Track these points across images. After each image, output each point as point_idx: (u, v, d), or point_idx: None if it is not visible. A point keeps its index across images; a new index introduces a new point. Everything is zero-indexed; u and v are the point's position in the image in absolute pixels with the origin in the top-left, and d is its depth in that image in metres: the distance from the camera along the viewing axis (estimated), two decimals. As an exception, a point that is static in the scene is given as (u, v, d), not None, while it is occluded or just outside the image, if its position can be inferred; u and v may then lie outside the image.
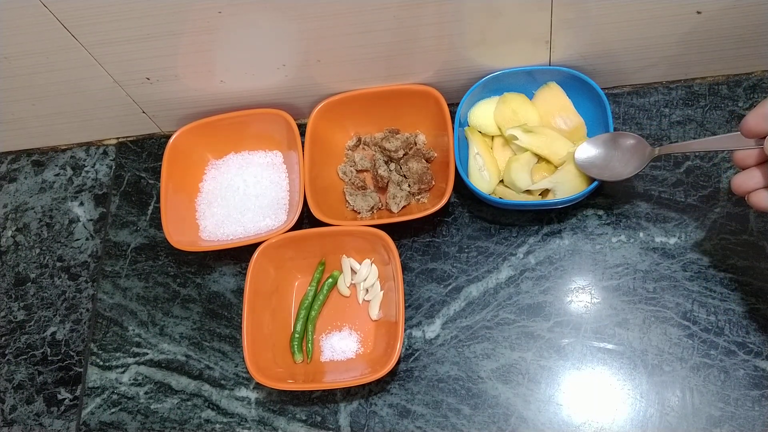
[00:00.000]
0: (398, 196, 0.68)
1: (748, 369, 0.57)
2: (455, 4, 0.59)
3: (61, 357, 0.71)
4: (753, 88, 0.68)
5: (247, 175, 0.73)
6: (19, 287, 0.76)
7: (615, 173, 0.61)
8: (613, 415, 0.58)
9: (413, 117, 0.72)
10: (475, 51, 0.66)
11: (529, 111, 0.68)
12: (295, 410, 0.64)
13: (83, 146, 0.82)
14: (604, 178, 0.61)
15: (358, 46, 0.64)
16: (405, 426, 0.61)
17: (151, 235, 0.75)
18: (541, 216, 0.67)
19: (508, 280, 0.65)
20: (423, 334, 0.64)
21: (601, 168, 0.61)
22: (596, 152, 0.62)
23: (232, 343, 0.68)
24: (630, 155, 0.60)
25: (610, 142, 0.61)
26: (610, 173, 0.61)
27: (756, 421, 0.56)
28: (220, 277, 0.71)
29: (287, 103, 0.73)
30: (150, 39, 0.63)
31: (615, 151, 0.61)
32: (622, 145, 0.61)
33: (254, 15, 0.61)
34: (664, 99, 0.70)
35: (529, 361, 0.61)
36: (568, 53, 0.66)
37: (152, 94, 0.72)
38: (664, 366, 0.59)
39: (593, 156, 0.62)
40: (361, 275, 0.67)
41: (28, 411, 0.70)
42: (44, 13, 0.59)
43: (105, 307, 0.72)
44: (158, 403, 0.67)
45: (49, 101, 0.73)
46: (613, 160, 0.61)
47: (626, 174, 0.60)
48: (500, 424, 0.60)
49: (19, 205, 0.80)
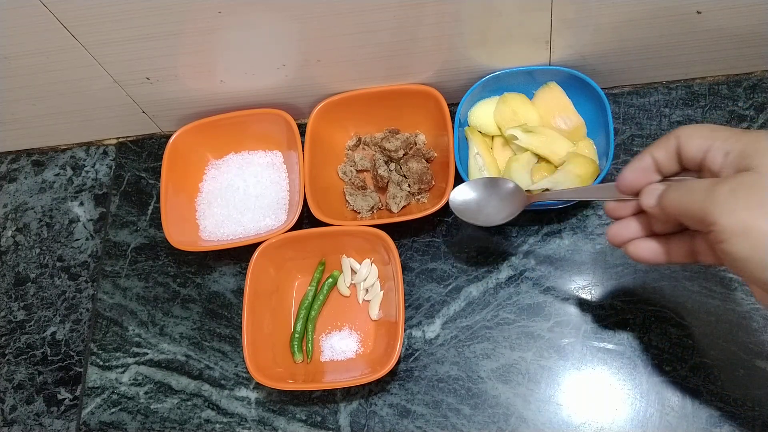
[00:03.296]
0: (398, 196, 0.68)
1: (748, 369, 0.57)
2: (455, 4, 0.59)
3: (61, 357, 0.71)
4: (753, 88, 0.68)
5: (247, 175, 0.73)
6: (19, 287, 0.76)
7: (488, 219, 0.60)
8: (613, 415, 0.58)
9: (413, 117, 0.72)
10: (475, 51, 0.66)
11: (529, 111, 0.68)
12: (295, 410, 0.64)
13: (83, 146, 0.82)
14: (477, 223, 0.61)
15: (358, 46, 0.64)
16: (405, 426, 0.61)
17: (151, 235, 0.75)
18: (541, 216, 0.67)
19: (508, 280, 0.65)
20: (423, 334, 0.64)
21: (475, 212, 0.61)
22: (473, 196, 0.61)
23: (232, 343, 0.68)
24: (506, 202, 0.60)
25: (489, 187, 0.61)
26: (484, 218, 0.60)
27: (756, 421, 0.56)
28: (220, 277, 0.71)
29: (287, 103, 0.73)
30: (150, 39, 0.63)
31: (491, 196, 0.60)
32: (499, 191, 0.60)
33: (254, 15, 0.61)
34: (664, 99, 0.70)
35: (529, 361, 0.61)
36: (568, 53, 0.66)
37: (152, 94, 0.72)
38: (664, 366, 0.59)
39: (469, 199, 0.61)
40: (361, 275, 0.67)
41: (28, 411, 0.70)
42: (44, 13, 0.59)
43: (105, 307, 0.72)
44: (158, 403, 0.67)
45: (49, 101, 0.73)
46: (487, 207, 0.60)
47: (499, 221, 0.59)
48: (500, 424, 0.60)
49: (19, 205, 0.80)
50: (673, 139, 0.44)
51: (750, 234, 0.37)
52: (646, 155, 0.45)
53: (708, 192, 0.39)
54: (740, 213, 0.37)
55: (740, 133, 0.41)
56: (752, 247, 0.37)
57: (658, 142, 0.45)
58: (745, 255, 0.37)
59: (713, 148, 0.41)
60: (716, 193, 0.39)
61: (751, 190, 0.38)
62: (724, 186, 0.39)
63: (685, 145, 0.43)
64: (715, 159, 0.41)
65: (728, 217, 0.38)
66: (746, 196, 0.37)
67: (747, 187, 0.38)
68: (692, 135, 0.43)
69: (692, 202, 0.40)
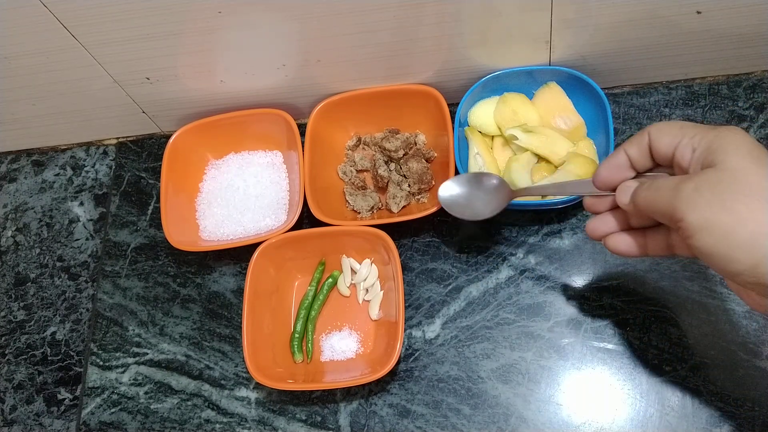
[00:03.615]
0: (398, 196, 0.68)
1: (748, 369, 0.57)
2: (455, 4, 0.59)
3: (61, 357, 0.71)
4: (753, 88, 0.68)
5: (247, 175, 0.73)
6: (19, 287, 0.76)
7: (476, 212, 0.60)
8: (613, 415, 0.58)
9: (413, 117, 0.72)
10: (475, 51, 0.66)
11: (529, 111, 0.68)
12: (295, 410, 0.64)
13: (83, 146, 0.82)
14: (465, 217, 0.61)
15: (358, 46, 0.64)
16: (405, 426, 0.61)
17: (151, 235, 0.75)
18: (541, 216, 0.67)
19: (508, 280, 0.65)
20: (423, 334, 0.64)
21: (463, 207, 0.61)
22: (459, 191, 0.61)
23: (232, 343, 0.68)
24: (491, 196, 0.60)
25: (474, 182, 0.61)
26: (471, 212, 0.61)
27: (756, 421, 0.56)
28: (220, 277, 0.71)
29: (287, 103, 0.73)
30: (150, 39, 0.63)
31: (478, 191, 0.61)
32: (485, 186, 0.61)
33: (254, 15, 0.61)
34: (664, 99, 0.70)
35: (529, 361, 0.61)
36: (568, 53, 0.66)
37: (152, 94, 0.72)
38: (664, 366, 0.59)
39: (456, 194, 0.61)
40: (361, 275, 0.67)
41: (28, 411, 0.70)
42: (44, 13, 0.59)
43: (105, 307, 0.72)
44: (158, 403, 0.67)
45: (49, 101, 0.73)
46: (475, 200, 0.61)
47: (487, 214, 0.60)
48: (500, 424, 0.60)
49: (19, 205, 0.80)
50: (644, 136, 0.45)
51: (713, 229, 0.39)
52: (620, 152, 0.47)
53: (675, 190, 0.41)
54: (703, 209, 0.39)
55: (707, 130, 0.42)
56: (716, 241, 0.39)
57: (632, 139, 0.46)
58: (710, 249, 0.39)
59: (681, 145, 0.43)
60: (682, 191, 0.40)
61: (713, 187, 0.39)
62: (689, 183, 0.40)
63: (655, 141, 0.45)
64: (684, 155, 0.43)
65: (693, 213, 0.39)
66: (708, 193, 0.39)
67: (709, 183, 0.39)
68: (662, 132, 0.44)
69: (661, 200, 0.42)
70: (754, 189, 0.38)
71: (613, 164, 0.47)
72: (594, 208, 0.51)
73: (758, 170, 0.39)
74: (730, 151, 0.40)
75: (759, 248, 0.38)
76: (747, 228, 0.38)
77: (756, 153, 0.40)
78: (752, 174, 0.39)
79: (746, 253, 0.38)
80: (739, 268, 0.39)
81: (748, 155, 0.40)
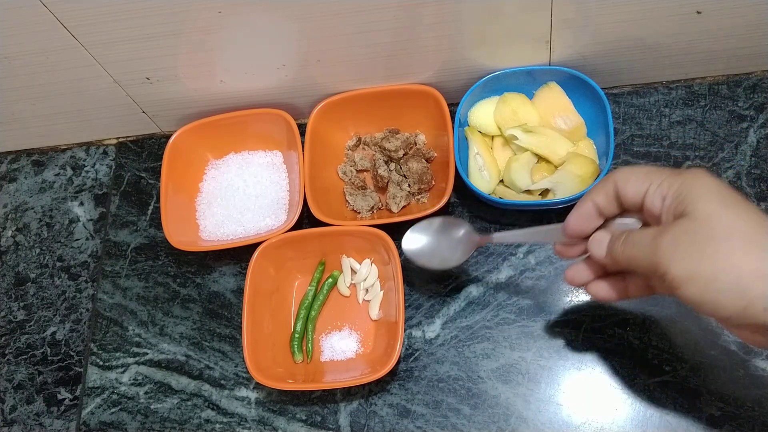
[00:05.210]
0: (398, 196, 0.68)
1: (748, 369, 0.57)
2: (455, 4, 0.59)
3: (61, 357, 0.71)
4: (753, 88, 0.68)
5: (247, 175, 0.73)
6: (19, 287, 0.76)
7: (444, 261, 0.60)
8: (613, 415, 0.58)
9: (413, 117, 0.72)
10: (475, 51, 0.66)
11: (529, 111, 0.68)
12: (295, 410, 0.64)
13: (83, 146, 0.82)
14: (433, 266, 0.61)
15: (358, 46, 0.64)
16: (405, 426, 0.61)
17: (151, 235, 0.75)
18: (541, 216, 0.67)
19: (508, 280, 0.65)
20: (423, 334, 0.64)
21: (429, 256, 0.61)
22: (424, 241, 0.61)
23: (232, 343, 0.68)
24: (458, 243, 0.60)
25: (439, 230, 0.61)
26: (440, 260, 0.60)
27: (756, 421, 0.56)
28: (220, 277, 0.71)
29: (287, 103, 0.73)
30: (150, 39, 0.63)
31: (443, 237, 0.61)
32: (450, 233, 0.60)
33: (254, 15, 0.61)
34: (664, 99, 0.70)
35: (529, 361, 0.61)
36: (568, 53, 0.66)
37: (152, 94, 0.72)
38: (664, 366, 0.59)
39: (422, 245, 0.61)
40: (361, 275, 0.67)
41: (28, 411, 0.70)
42: (44, 13, 0.59)
43: (105, 307, 0.72)
44: (158, 403, 0.67)
45: (49, 101, 0.73)
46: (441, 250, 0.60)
47: (455, 262, 0.60)
48: (500, 424, 0.60)
49: (19, 205, 0.80)
50: (610, 184, 0.46)
51: (697, 280, 0.39)
52: (587, 201, 0.48)
53: (653, 245, 0.42)
54: (684, 262, 0.40)
55: (673, 176, 0.43)
56: (702, 291, 0.39)
57: (597, 186, 0.47)
58: (698, 299, 0.40)
59: (650, 193, 0.44)
60: (660, 246, 0.41)
61: (690, 238, 0.40)
62: (666, 237, 0.41)
63: (622, 189, 0.45)
64: (654, 204, 0.44)
65: (675, 267, 0.40)
66: (687, 245, 0.40)
67: (686, 234, 0.40)
68: (628, 179, 0.45)
69: (641, 256, 0.43)
70: (730, 235, 0.39)
71: (581, 213, 0.48)
72: (565, 254, 0.52)
73: (730, 214, 0.40)
74: (700, 198, 0.41)
75: (745, 292, 0.39)
76: (730, 274, 0.39)
77: (725, 196, 0.41)
78: (725, 219, 0.40)
79: (733, 298, 0.39)
80: (729, 313, 0.39)
81: (717, 201, 0.40)
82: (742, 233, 0.39)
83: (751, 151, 0.66)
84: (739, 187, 0.64)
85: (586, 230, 0.49)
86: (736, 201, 0.41)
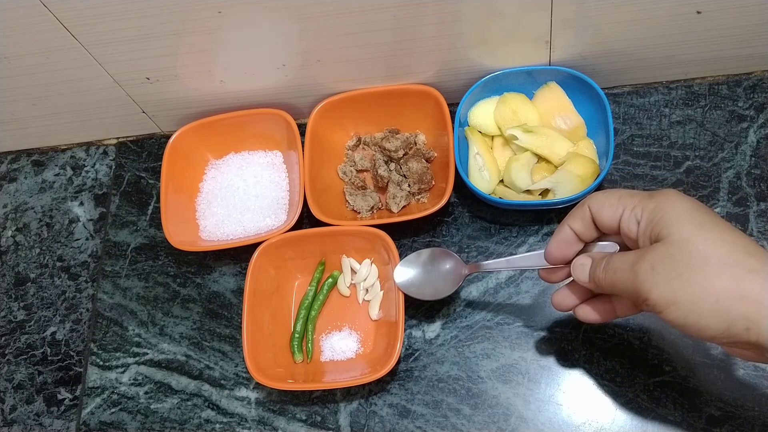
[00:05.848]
0: (398, 196, 0.68)
1: (748, 369, 0.57)
2: (455, 4, 0.59)
3: (61, 357, 0.71)
4: (753, 88, 0.68)
5: (247, 175, 0.73)
6: (19, 287, 0.76)
7: (437, 292, 0.61)
8: (613, 415, 0.58)
9: (413, 117, 0.72)
10: (475, 51, 0.66)
11: (529, 111, 0.68)
12: (295, 410, 0.64)
13: (83, 146, 0.82)
14: (426, 297, 0.61)
15: (358, 46, 0.64)
16: (405, 426, 0.61)
17: (151, 235, 0.75)
18: (541, 216, 0.67)
19: (508, 280, 0.65)
20: (423, 334, 0.64)
21: (420, 287, 0.61)
22: (414, 272, 0.62)
23: (232, 343, 0.68)
24: (446, 274, 0.61)
25: (428, 261, 0.62)
26: (432, 292, 0.61)
27: (756, 421, 0.56)
28: (220, 277, 0.71)
29: (287, 103, 0.73)
30: (150, 39, 0.63)
31: (432, 269, 0.61)
32: (438, 265, 0.61)
33: (254, 15, 0.61)
34: (664, 99, 0.70)
35: (529, 361, 0.61)
36: (568, 53, 0.66)
37: (152, 94, 0.72)
38: (664, 366, 0.59)
39: (412, 276, 0.62)
40: (361, 275, 0.67)
41: (28, 411, 0.70)
42: (44, 13, 0.59)
43: (105, 307, 0.72)
44: (158, 403, 0.67)
45: (49, 101, 0.73)
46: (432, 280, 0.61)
47: (446, 292, 0.60)
48: (500, 424, 0.60)
49: (19, 205, 0.80)
50: (585, 210, 0.47)
51: (679, 304, 0.40)
52: (564, 227, 0.49)
53: (633, 271, 0.42)
54: (664, 287, 0.41)
55: (646, 199, 0.44)
56: (685, 314, 0.40)
57: (573, 213, 0.48)
58: (681, 321, 0.41)
59: (624, 218, 0.45)
60: (640, 272, 0.42)
61: (668, 263, 0.41)
62: (645, 263, 0.42)
63: (597, 215, 0.46)
64: (630, 228, 0.44)
65: (656, 292, 0.41)
66: (665, 270, 0.41)
67: (663, 260, 0.41)
68: (602, 205, 0.46)
69: (622, 282, 0.44)
70: (706, 258, 0.40)
71: (560, 240, 0.49)
72: (549, 279, 0.53)
73: (705, 236, 0.41)
74: (674, 221, 0.41)
75: (726, 314, 0.39)
76: (709, 297, 0.39)
77: (698, 217, 0.41)
78: (700, 242, 0.40)
79: (716, 321, 0.40)
80: (713, 334, 0.40)
81: (691, 223, 0.41)
82: (717, 256, 0.40)
83: (751, 151, 0.66)
84: (739, 187, 0.64)
85: (566, 255, 0.50)
86: (710, 221, 0.41)
